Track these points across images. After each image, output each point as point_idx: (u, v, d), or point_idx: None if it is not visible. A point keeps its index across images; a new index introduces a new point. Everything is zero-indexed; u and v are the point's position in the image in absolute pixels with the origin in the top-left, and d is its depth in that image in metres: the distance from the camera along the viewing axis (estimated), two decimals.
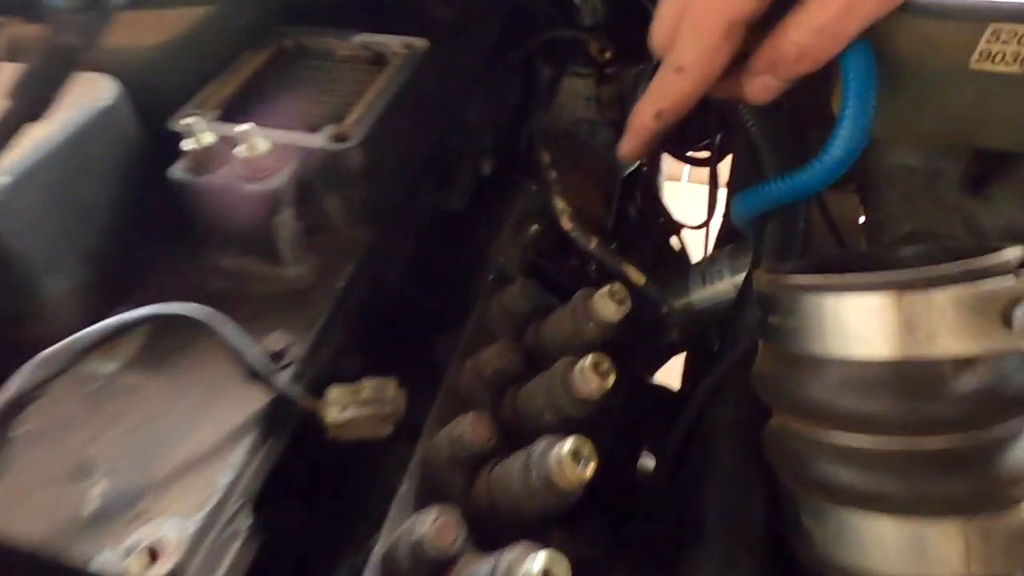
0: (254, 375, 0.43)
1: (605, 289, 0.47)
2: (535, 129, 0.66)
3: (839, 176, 0.46)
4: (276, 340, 0.48)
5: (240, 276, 0.53)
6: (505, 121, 0.87)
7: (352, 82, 0.58)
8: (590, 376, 0.45)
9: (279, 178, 0.49)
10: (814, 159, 0.47)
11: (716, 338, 0.70)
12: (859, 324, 0.36)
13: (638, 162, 0.95)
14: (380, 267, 0.57)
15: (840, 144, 0.44)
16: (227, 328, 0.41)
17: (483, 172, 0.72)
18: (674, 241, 0.86)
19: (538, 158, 0.61)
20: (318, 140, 0.52)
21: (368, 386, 0.49)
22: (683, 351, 0.63)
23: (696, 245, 0.92)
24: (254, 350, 0.43)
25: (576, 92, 0.85)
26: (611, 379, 0.45)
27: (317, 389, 0.48)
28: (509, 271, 0.61)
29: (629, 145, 0.51)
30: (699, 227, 0.85)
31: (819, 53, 0.41)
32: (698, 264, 0.69)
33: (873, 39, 0.42)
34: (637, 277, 0.53)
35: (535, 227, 0.64)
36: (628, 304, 0.47)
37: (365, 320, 0.55)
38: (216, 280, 0.54)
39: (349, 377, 0.51)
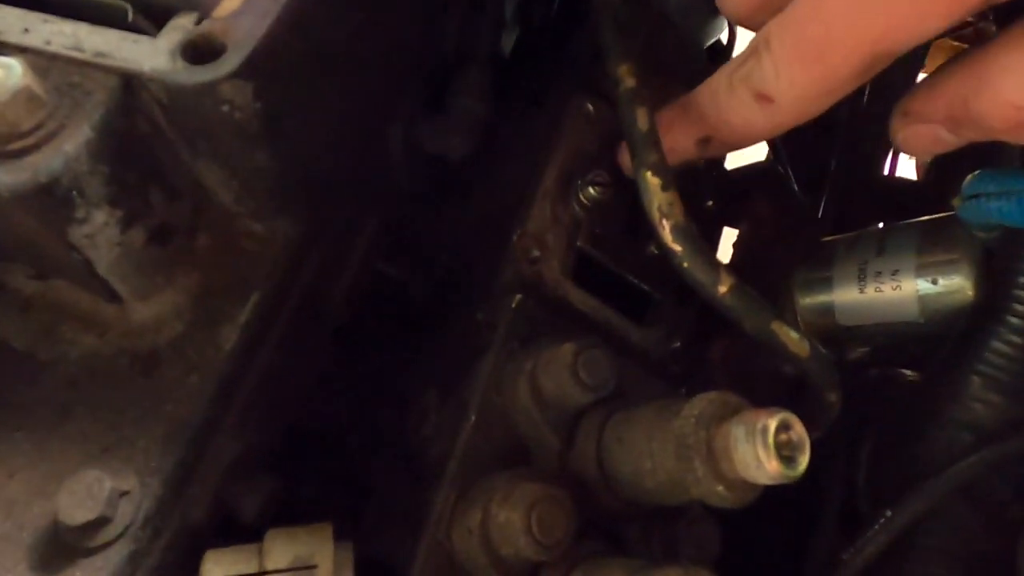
0: None
1: (767, 422, 0.22)
2: (601, 5, 0.36)
3: None
4: (96, 486, 0.24)
5: (45, 311, 0.28)
6: None
7: None
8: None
9: (56, 154, 0.22)
10: None
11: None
12: None
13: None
14: (313, 287, 0.32)
15: None
16: None
17: (500, 72, 0.43)
18: None
19: (610, 65, 0.33)
20: (155, 55, 0.24)
21: (278, 547, 0.26)
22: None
23: None
24: None
25: None
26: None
27: (185, 556, 0.26)
28: (549, 283, 0.35)
29: None
30: None
31: None
32: (853, 245, 0.42)
33: None
34: (798, 347, 0.28)
35: (592, 189, 0.37)
36: (806, 457, 0.22)
37: (282, 401, 0.31)
38: (5, 316, 0.28)
39: (246, 524, 0.28)
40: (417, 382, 0.37)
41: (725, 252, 0.53)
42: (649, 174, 0.28)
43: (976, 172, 0.32)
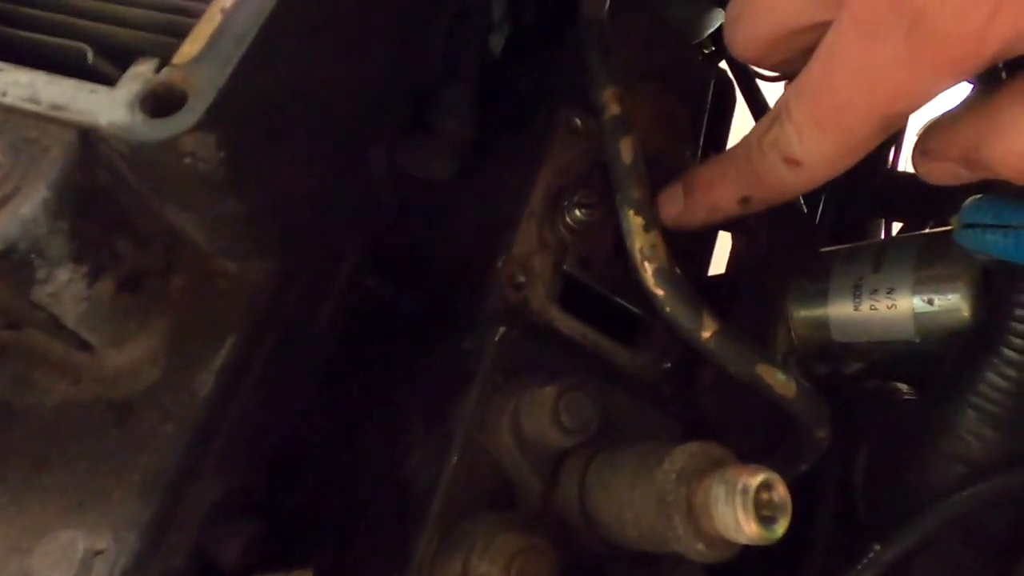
0: None
1: (748, 481, 0.21)
2: (589, 18, 0.35)
3: None
4: (70, 548, 0.24)
5: (20, 359, 0.28)
6: None
7: None
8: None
9: (12, 219, 0.22)
10: None
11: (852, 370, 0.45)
12: None
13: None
14: (293, 322, 0.31)
15: None
16: None
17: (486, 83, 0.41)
18: None
19: (595, 90, 0.32)
20: (113, 107, 0.23)
21: None
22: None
23: None
24: None
25: None
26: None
27: None
28: (535, 309, 0.34)
29: (688, 216, 0.33)
30: None
31: None
32: (850, 259, 0.41)
33: None
34: (785, 388, 0.27)
35: (579, 211, 0.36)
36: (787, 519, 0.22)
37: (264, 439, 0.31)
38: None
39: (228, 570, 0.28)
40: (404, 405, 0.36)
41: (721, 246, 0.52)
42: (632, 212, 0.27)
43: (975, 198, 0.30)
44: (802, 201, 0.64)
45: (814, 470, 0.41)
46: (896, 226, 0.69)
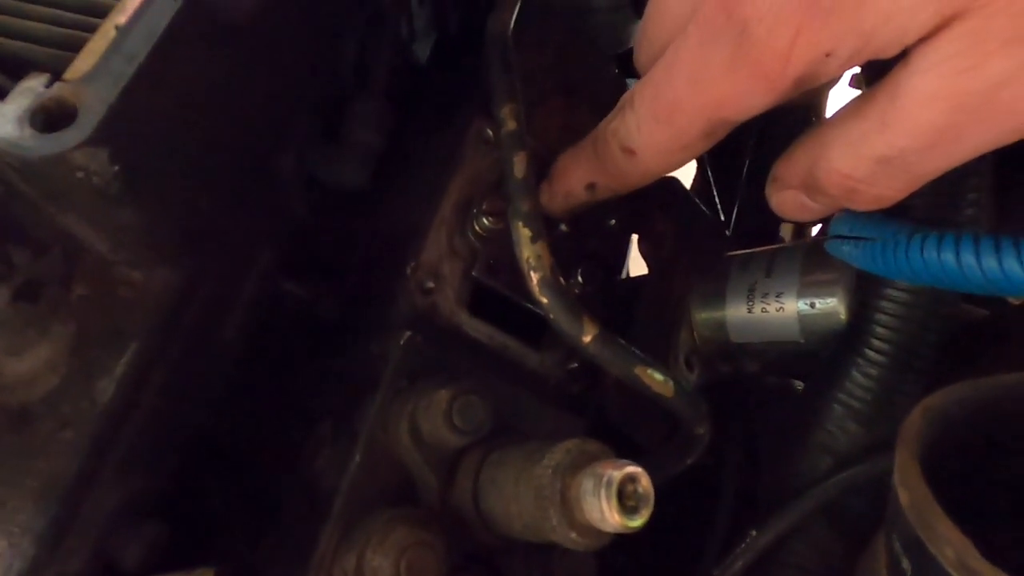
0: None
1: (612, 474, 0.23)
2: (492, 35, 0.36)
3: None
4: None
5: None
6: None
7: None
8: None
9: None
10: None
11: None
12: None
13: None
14: (200, 329, 0.32)
15: None
16: None
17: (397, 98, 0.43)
18: None
19: (495, 105, 0.34)
20: (1, 122, 0.23)
21: None
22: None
23: None
24: None
25: None
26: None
27: None
28: (444, 313, 0.36)
29: (549, 202, 0.35)
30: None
31: (883, 191, 0.26)
32: (745, 264, 0.44)
33: None
34: (663, 387, 0.29)
35: (487, 219, 0.37)
36: (648, 509, 0.24)
37: (170, 443, 0.31)
38: None
39: (129, 573, 0.29)
40: (315, 406, 0.37)
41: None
42: (520, 224, 0.29)
43: (840, 212, 0.33)
44: (720, 206, 0.67)
45: (719, 462, 0.44)
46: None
